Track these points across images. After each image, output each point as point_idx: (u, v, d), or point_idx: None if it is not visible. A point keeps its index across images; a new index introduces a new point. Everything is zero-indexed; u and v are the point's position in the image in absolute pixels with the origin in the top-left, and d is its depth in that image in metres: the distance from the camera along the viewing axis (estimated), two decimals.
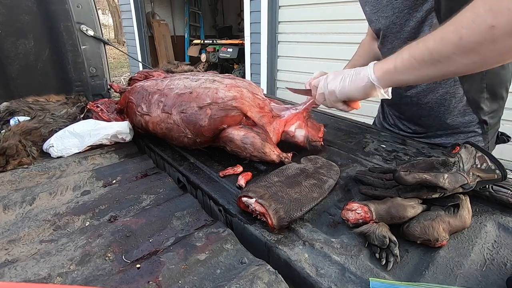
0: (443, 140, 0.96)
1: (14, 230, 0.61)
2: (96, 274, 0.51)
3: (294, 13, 3.36)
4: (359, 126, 1.11)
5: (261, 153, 0.78)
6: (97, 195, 0.73)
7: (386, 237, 0.51)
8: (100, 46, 1.41)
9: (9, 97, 1.20)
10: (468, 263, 0.50)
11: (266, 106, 0.89)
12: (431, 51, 0.55)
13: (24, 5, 1.20)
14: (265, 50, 3.72)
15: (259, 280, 0.46)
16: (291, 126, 0.89)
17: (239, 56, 5.53)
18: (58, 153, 0.91)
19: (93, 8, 1.35)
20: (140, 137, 1.03)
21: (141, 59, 5.82)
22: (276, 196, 0.60)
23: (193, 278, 0.49)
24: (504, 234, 0.57)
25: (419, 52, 0.57)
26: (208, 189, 0.72)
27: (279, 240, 0.55)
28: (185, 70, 1.40)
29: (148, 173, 0.84)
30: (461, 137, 0.92)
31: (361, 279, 0.47)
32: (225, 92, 0.83)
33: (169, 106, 0.86)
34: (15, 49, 1.22)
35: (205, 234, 0.58)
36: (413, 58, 0.58)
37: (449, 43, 0.52)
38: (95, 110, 1.05)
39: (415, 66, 0.59)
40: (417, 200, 0.57)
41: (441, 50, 0.54)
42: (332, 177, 0.70)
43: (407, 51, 0.60)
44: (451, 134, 0.94)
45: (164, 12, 7.34)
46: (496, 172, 0.59)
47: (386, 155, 0.87)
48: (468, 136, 0.91)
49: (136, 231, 0.60)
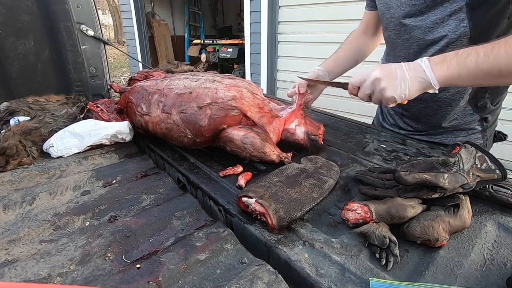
0: (443, 138, 0.96)
1: (14, 230, 0.61)
2: (96, 274, 0.51)
3: (294, 13, 3.36)
4: (359, 126, 1.11)
5: (261, 153, 0.78)
6: (97, 195, 0.73)
7: (386, 237, 0.51)
8: (100, 46, 1.41)
9: (9, 97, 1.20)
10: (468, 263, 0.50)
11: (265, 106, 0.89)
12: (500, 67, 0.58)
13: (24, 5, 1.20)
14: (265, 50, 3.72)
15: (259, 280, 0.46)
16: (290, 124, 0.90)
17: (239, 56, 5.52)
18: (58, 153, 0.91)
19: (93, 8, 1.35)
20: (140, 137, 1.03)
21: (141, 59, 5.82)
22: (276, 196, 0.60)
23: (193, 278, 0.49)
24: (504, 234, 0.57)
25: (487, 66, 0.59)
26: (208, 189, 0.72)
27: (279, 240, 0.55)
28: (185, 70, 1.40)
29: (148, 173, 0.84)
30: (462, 134, 0.93)
31: (361, 279, 0.47)
32: (225, 92, 0.83)
33: (169, 106, 0.86)
34: (15, 49, 1.22)
35: (205, 234, 0.58)
36: (480, 71, 0.59)
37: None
38: (95, 110, 1.05)
39: (479, 77, 0.60)
40: (417, 200, 0.57)
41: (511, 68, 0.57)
42: (332, 177, 0.70)
43: (474, 60, 0.60)
44: (451, 132, 0.95)
45: (164, 12, 7.34)
46: (496, 172, 0.59)
47: (386, 155, 0.87)
48: (468, 134, 0.93)
49: (136, 231, 0.60)
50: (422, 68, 0.64)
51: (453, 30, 0.77)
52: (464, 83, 0.66)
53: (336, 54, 1.09)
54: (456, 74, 0.62)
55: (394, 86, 0.66)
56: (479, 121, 0.91)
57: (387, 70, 0.67)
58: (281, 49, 3.63)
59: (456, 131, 0.94)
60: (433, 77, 0.63)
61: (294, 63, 3.53)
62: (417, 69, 0.65)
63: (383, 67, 0.69)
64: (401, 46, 0.90)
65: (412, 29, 0.84)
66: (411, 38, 0.86)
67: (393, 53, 0.96)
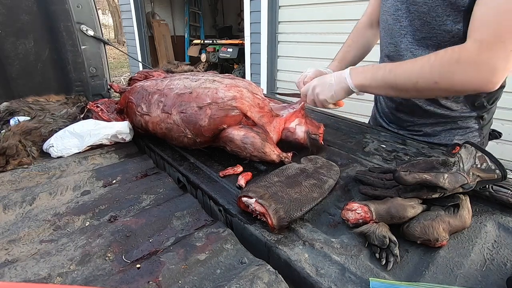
0: (441, 138, 0.97)
1: (14, 230, 0.61)
2: (96, 274, 0.51)
3: (294, 13, 3.36)
4: (359, 126, 1.11)
5: (261, 153, 0.78)
6: (97, 195, 0.73)
7: (386, 237, 0.51)
8: (100, 46, 1.41)
9: (9, 97, 1.20)
10: (468, 263, 0.50)
11: (265, 106, 0.89)
12: (397, 82, 0.75)
13: (24, 5, 1.20)
14: (265, 50, 3.72)
15: (259, 280, 0.46)
16: (291, 123, 0.90)
17: (239, 56, 5.53)
18: (58, 153, 0.91)
19: (93, 8, 1.35)
20: (140, 137, 1.03)
21: (141, 59, 5.82)
22: (276, 196, 0.60)
23: (193, 278, 0.49)
24: (504, 234, 0.57)
25: (389, 79, 0.76)
26: (208, 189, 0.72)
27: (279, 240, 0.55)
28: (185, 70, 1.40)
29: (148, 173, 0.84)
30: (460, 133, 0.94)
31: (361, 279, 0.47)
32: (225, 92, 0.83)
33: (169, 106, 0.86)
34: (15, 49, 1.22)
35: (205, 234, 0.58)
36: (384, 82, 0.77)
37: (410, 82, 0.73)
38: (95, 110, 1.05)
39: (383, 87, 0.79)
40: (417, 200, 0.57)
41: (404, 84, 0.74)
42: (332, 177, 0.70)
43: (382, 73, 0.77)
44: (449, 130, 0.95)
45: (164, 12, 7.34)
46: (496, 172, 0.59)
47: (386, 155, 0.87)
48: (466, 132, 0.94)
49: (136, 231, 0.60)
50: (344, 76, 0.82)
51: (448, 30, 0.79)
52: (376, 91, 0.83)
53: (343, 55, 1.12)
54: (368, 83, 0.80)
55: (324, 90, 0.85)
56: (475, 119, 0.93)
57: (322, 79, 0.86)
58: (281, 49, 3.63)
59: (454, 129, 0.95)
60: (351, 84, 0.81)
61: (294, 63, 3.53)
62: (341, 77, 0.83)
63: (320, 78, 0.87)
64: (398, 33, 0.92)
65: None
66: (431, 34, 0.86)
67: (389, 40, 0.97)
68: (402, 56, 0.91)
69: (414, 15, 0.84)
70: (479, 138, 0.95)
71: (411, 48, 0.88)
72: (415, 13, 0.83)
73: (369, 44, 1.14)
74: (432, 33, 0.82)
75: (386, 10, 0.94)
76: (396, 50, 0.93)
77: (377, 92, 0.84)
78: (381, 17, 0.99)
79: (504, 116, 2.26)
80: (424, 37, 0.84)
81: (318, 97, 0.86)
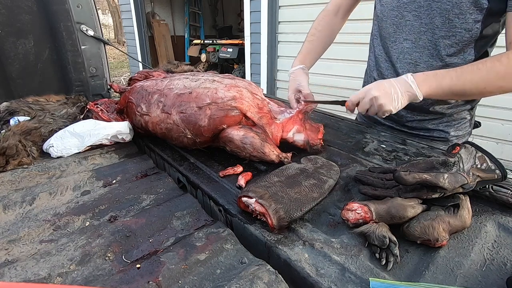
0: (439, 131, 1.01)
1: (14, 230, 0.61)
2: (96, 274, 0.51)
3: (294, 13, 3.36)
4: (359, 126, 1.11)
5: (261, 153, 0.78)
6: (97, 195, 0.73)
7: (386, 237, 0.51)
8: (100, 46, 1.41)
9: (9, 97, 1.20)
10: (468, 263, 0.50)
11: (265, 106, 0.89)
12: (465, 91, 0.78)
13: (24, 5, 1.20)
14: (265, 50, 3.72)
15: (259, 280, 0.46)
16: (289, 132, 0.88)
17: (239, 56, 5.52)
18: (58, 153, 0.91)
19: (93, 8, 1.35)
20: (140, 137, 1.03)
21: (141, 59, 5.82)
22: (276, 196, 0.60)
23: (193, 278, 0.49)
24: (504, 234, 0.57)
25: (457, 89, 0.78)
26: (208, 189, 0.72)
27: (279, 240, 0.55)
28: (185, 70, 1.40)
29: (148, 173, 0.84)
30: (455, 124, 1.00)
31: (361, 279, 0.47)
32: (225, 92, 0.83)
33: (168, 106, 0.86)
34: (15, 49, 1.22)
35: (205, 234, 0.58)
36: (451, 91, 0.79)
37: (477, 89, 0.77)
38: (95, 110, 1.05)
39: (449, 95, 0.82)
40: (417, 200, 0.57)
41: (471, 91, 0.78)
42: (332, 177, 0.70)
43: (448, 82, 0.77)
44: (446, 123, 1.00)
45: (164, 12, 7.34)
46: (496, 172, 0.60)
47: (386, 155, 0.87)
48: (460, 123, 1.01)
49: (136, 231, 0.60)
50: (409, 83, 0.79)
51: (468, 28, 0.82)
52: (438, 97, 0.86)
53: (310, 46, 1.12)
54: (433, 92, 0.79)
55: (390, 101, 0.79)
56: (468, 110, 1.00)
57: (382, 88, 0.80)
58: (281, 49, 3.63)
59: (449, 122, 1.00)
60: (419, 92, 0.78)
61: None
62: (405, 85, 0.79)
63: (378, 86, 0.81)
64: (411, 30, 0.92)
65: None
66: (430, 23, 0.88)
67: (392, 38, 0.97)
68: (412, 54, 0.93)
69: (436, 12, 0.85)
70: (469, 128, 1.04)
71: (428, 46, 0.90)
72: (437, 10, 0.84)
73: (334, 33, 1.15)
74: (452, 32, 0.84)
75: (402, 6, 0.92)
76: (413, 46, 0.93)
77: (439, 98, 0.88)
78: (390, 13, 0.96)
79: (505, 116, 2.26)
80: (443, 36, 0.86)
81: (382, 108, 0.80)
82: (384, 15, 0.98)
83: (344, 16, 1.14)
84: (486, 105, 2.23)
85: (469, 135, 1.06)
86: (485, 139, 2.38)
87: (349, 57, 2.98)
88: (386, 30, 0.99)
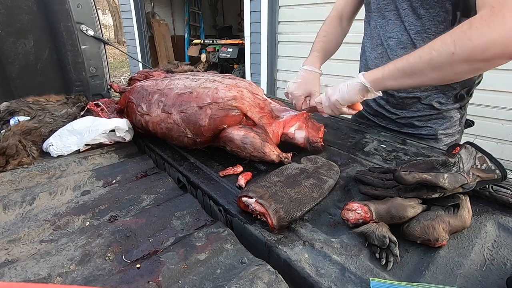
0: (428, 128, 1.01)
1: (14, 230, 0.61)
2: (96, 274, 0.51)
3: (294, 13, 3.36)
4: (359, 126, 1.11)
5: (261, 153, 0.78)
6: (97, 195, 0.73)
7: (386, 237, 0.51)
8: (100, 46, 1.41)
9: (9, 97, 1.20)
10: (468, 263, 0.50)
11: (266, 106, 0.89)
12: (410, 64, 0.71)
13: (24, 5, 1.20)
14: (265, 50, 3.72)
15: (259, 280, 0.46)
16: (290, 127, 0.89)
17: (239, 56, 5.52)
18: (58, 152, 0.91)
19: (93, 8, 1.35)
20: (140, 137, 1.03)
21: (141, 59, 5.82)
22: (276, 196, 0.60)
23: (193, 278, 0.49)
24: (504, 234, 0.57)
25: (401, 65, 0.73)
26: (208, 189, 0.72)
27: (279, 240, 0.55)
28: (185, 70, 1.40)
29: (148, 173, 0.84)
30: (445, 123, 1.00)
31: (361, 279, 0.47)
32: (225, 92, 0.83)
33: (169, 106, 0.86)
34: (15, 49, 1.22)
35: (205, 234, 0.58)
36: (397, 69, 0.74)
37: (423, 61, 0.69)
38: (95, 110, 1.05)
39: (397, 76, 0.74)
40: (417, 200, 0.57)
41: (418, 65, 0.70)
42: (332, 177, 0.70)
43: (393, 64, 0.74)
44: (435, 121, 1.01)
45: (164, 12, 7.34)
46: (496, 172, 0.60)
47: (386, 155, 0.87)
48: (449, 121, 1.00)
49: (136, 231, 0.60)
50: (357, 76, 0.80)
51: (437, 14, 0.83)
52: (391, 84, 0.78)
53: (322, 46, 1.13)
54: (380, 75, 0.76)
55: (336, 92, 0.84)
56: (457, 109, 1.00)
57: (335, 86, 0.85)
58: (281, 49, 3.63)
59: (439, 120, 1.00)
60: (363, 79, 0.78)
61: (294, 63, 3.53)
62: (354, 78, 0.81)
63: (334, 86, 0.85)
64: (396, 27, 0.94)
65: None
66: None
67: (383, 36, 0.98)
68: (396, 51, 0.94)
69: (408, 10, 0.88)
70: (459, 127, 1.03)
71: (413, 40, 0.91)
72: (409, 9, 0.87)
73: (341, 38, 1.16)
74: (426, 26, 0.86)
75: (382, 7, 0.95)
76: (397, 43, 0.94)
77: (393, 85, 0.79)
78: (373, 15, 1.00)
79: (505, 116, 2.26)
80: (419, 31, 0.88)
81: (331, 99, 0.83)
82: (371, 18, 1.02)
83: (349, 20, 1.16)
84: (486, 105, 2.24)
85: (460, 134, 1.06)
86: (485, 139, 2.38)
87: (349, 57, 2.98)
88: (375, 32, 1.02)
